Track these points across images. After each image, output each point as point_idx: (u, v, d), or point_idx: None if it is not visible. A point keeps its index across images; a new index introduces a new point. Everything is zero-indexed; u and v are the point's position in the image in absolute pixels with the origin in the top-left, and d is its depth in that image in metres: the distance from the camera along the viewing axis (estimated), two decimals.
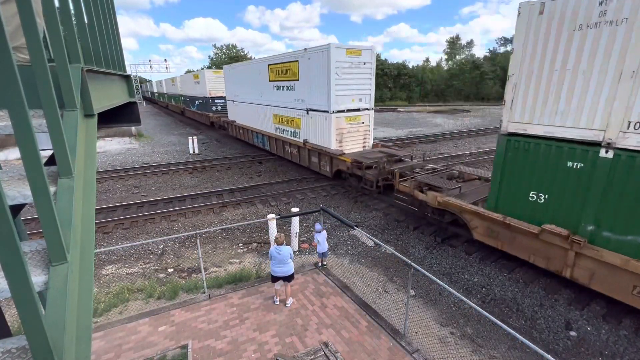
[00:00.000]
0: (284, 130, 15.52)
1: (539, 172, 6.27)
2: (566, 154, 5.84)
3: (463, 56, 68.35)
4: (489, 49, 76.53)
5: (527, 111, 6.24)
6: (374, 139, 13.85)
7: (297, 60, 12.92)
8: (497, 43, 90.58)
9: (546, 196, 6.25)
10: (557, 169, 5.99)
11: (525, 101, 6.23)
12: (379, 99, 56.91)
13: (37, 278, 1.20)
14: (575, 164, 5.76)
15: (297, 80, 13.28)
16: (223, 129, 25.30)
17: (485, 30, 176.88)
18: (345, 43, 12.18)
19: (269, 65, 15.35)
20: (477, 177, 9.75)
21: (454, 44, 70.45)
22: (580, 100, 5.52)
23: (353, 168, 11.61)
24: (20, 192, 1.32)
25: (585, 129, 5.53)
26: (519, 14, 6.11)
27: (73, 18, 1.94)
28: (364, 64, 11.97)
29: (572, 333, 5.65)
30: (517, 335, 3.70)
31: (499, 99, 60.16)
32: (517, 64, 6.25)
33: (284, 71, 14.32)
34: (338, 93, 11.62)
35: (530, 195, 6.46)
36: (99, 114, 2.18)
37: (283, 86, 14.60)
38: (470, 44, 70.49)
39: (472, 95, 61.47)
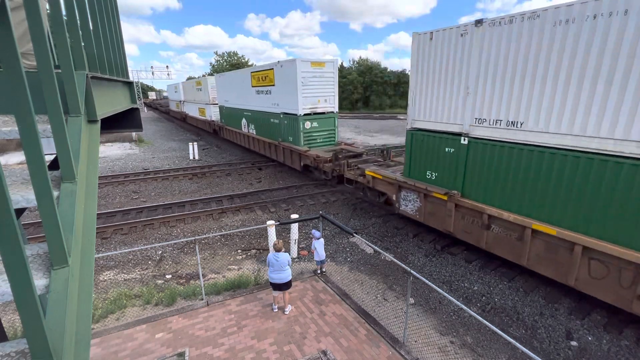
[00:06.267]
0: None
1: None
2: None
3: None
4: None
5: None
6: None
7: None
8: None
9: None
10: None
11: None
12: (378, 107, 57.22)
13: (39, 281, 1.21)
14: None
15: None
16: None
17: None
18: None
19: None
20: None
21: None
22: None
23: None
24: (23, 196, 1.33)
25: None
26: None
27: (79, 25, 1.98)
28: None
29: (573, 343, 5.61)
30: (518, 345, 3.67)
31: None
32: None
33: None
34: None
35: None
36: (102, 120, 2.20)
37: None
38: None
39: None
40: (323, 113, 14.08)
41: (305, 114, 13.59)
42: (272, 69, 14.71)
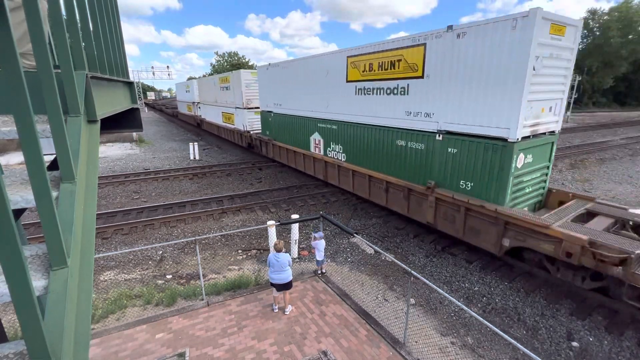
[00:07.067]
0: None
1: None
2: None
3: None
4: None
5: None
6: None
7: None
8: None
9: None
10: None
11: None
12: None
13: (37, 282, 1.20)
14: None
15: None
16: None
17: None
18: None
19: None
20: None
21: None
22: None
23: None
24: (22, 196, 1.33)
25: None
26: None
27: (79, 25, 1.97)
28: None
29: (574, 344, 5.59)
30: (519, 346, 3.66)
31: None
32: None
33: None
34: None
35: None
36: (102, 120, 2.20)
37: None
38: None
39: None
40: (543, 134, 7.23)
41: (523, 138, 6.55)
42: (424, 43, 7.66)
